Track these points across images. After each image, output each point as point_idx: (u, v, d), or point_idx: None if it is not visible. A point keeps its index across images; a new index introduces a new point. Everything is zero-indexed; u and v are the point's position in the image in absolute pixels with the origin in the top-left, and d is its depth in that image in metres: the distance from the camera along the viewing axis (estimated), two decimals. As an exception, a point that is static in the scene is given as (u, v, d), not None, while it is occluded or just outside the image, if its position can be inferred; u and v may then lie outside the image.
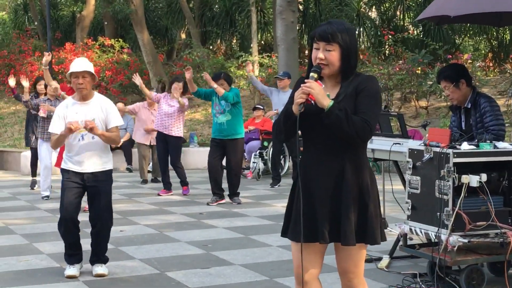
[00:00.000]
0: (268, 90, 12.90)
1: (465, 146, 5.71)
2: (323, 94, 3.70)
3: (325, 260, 4.05)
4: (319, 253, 3.94)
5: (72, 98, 6.50)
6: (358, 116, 3.70)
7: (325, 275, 5.71)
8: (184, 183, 11.84)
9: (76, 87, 6.37)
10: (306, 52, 21.40)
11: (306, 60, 5.36)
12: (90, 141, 6.35)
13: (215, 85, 10.46)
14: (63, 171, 6.44)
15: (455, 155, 5.59)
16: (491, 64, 21.54)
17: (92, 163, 6.37)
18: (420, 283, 5.90)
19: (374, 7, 23.70)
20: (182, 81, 11.65)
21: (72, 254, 6.51)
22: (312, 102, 3.72)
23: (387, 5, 23.00)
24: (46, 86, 11.49)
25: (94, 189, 6.39)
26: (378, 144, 6.85)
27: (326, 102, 3.68)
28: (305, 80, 3.76)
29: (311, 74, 3.78)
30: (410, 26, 22.33)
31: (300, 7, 22.68)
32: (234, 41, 27.16)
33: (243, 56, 20.52)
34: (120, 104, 13.71)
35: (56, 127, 6.38)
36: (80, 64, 6.36)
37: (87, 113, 6.35)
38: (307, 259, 3.90)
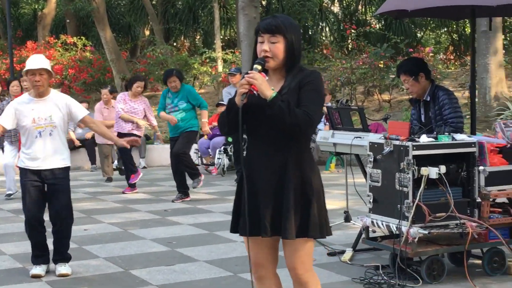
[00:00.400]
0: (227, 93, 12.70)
1: (424, 139, 5.78)
2: (266, 85, 3.70)
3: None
4: (273, 248, 3.95)
5: (29, 94, 6.46)
6: (301, 108, 3.70)
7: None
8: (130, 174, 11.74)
9: (32, 85, 6.33)
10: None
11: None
12: (48, 137, 6.32)
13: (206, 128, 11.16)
14: (21, 170, 6.40)
15: (414, 148, 5.66)
16: (452, 57, 21.76)
17: (50, 159, 6.34)
18: (382, 275, 5.95)
19: (336, 1, 23.81)
20: (143, 80, 11.65)
21: (39, 255, 6.48)
22: (255, 93, 3.72)
23: (349, -1, 23.17)
24: (22, 88, 11.30)
25: (53, 186, 6.36)
26: (339, 138, 6.90)
27: (269, 93, 3.68)
28: (248, 72, 3.76)
29: (255, 66, 3.77)
30: (373, 20, 22.48)
31: (263, 2, 22.71)
32: (198, 37, 27.13)
33: (207, 52, 20.51)
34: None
35: (4, 120, 6.34)
36: (37, 61, 6.32)
37: (44, 110, 6.31)
38: (260, 254, 3.93)
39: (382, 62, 17.21)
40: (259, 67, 3.77)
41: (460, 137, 5.92)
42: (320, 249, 7.03)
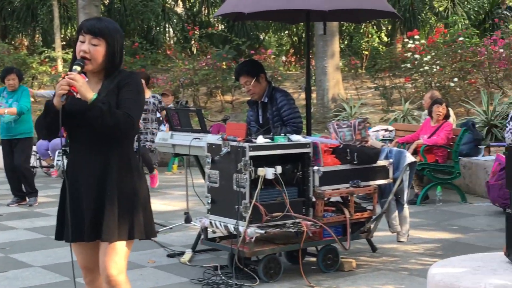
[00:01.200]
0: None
1: (261, 140, 5.87)
2: (86, 86, 3.61)
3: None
4: (96, 251, 3.85)
5: None
6: (121, 110, 3.65)
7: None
8: None
9: None
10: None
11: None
12: None
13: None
14: None
15: (251, 149, 5.74)
16: (293, 59, 22.29)
17: None
18: (221, 275, 6.00)
19: (180, 2, 23.81)
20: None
21: None
22: (75, 94, 3.62)
23: (192, 0, 23.18)
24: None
25: None
26: (178, 139, 6.88)
27: (90, 95, 3.59)
28: (68, 73, 3.65)
29: (74, 67, 3.66)
30: (216, 22, 22.65)
31: (105, 1, 22.36)
32: (37, 36, 26.33)
33: (46, 51, 19.94)
34: None
35: None
36: None
37: None
38: (88, 259, 3.88)
39: (224, 63, 17.39)
40: (79, 68, 3.66)
41: (295, 138, 6.06)
42: (159, 251, 7.00)
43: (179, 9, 24.65)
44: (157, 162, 13.71)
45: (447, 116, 10.05)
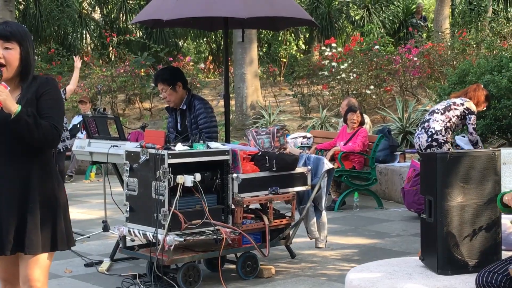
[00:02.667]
0: None
1: (180, 147, 5.85)
2: (10, 98, 3.49)
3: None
4: (18, 264, 3.76)
5: None
6: (45, 120, 3.58)
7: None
8: None
9: None
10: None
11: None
12: None
13: None
14: None
15: (170, 156, 5.72)
16: (211, 67, 22.29)
17: None
18: (140, 284, 5.95)
19: (97, 8, 23.54)
20: None
21: None
22: None
23: (110, 6, 22.94)
24: None
25: None
26: (96, 147, 6.81)
27: (14, 107, 3.49)
28: None
29: None
30: (134, 28, 22.47)
31: (20, 7, 21.91)
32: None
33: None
34: None
35: None
36: None
37: None
38: (7, 271, 3.80)
39: (143, 70, 17.26)
40: None
41: (214, 145, 6.07)
42: (77, 260, 6.90)
43: (96, 15, 24.35)
44: (74, 170, 13.51)
45: (362, 123, 10.23)
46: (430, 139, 7.91)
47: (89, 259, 6.90)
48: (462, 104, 7.97)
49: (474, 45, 14.44)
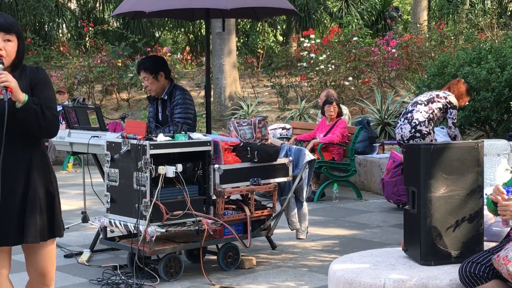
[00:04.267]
0: None
1: (161, 138, 5.82)
2: (18, 87, 3.51)
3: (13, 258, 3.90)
4: (8, 254, 3.75)
5: None
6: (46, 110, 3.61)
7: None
8: None
9: None
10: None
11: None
12: None
13: None
14: None
15: (152, 147, 5.68)
16: (189, 57, 22.22)
17: None
18: (120, 275, 5.92)
19: (73, -2, 23.39)
20: None
21: None
22: (8, 95, 3.48)
23: (86, -4, 22.81)
24: None
25: None
26: (76, 138, 6.76)
27: (22, 96, 3.51)
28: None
29: None
30: (111, 18, 22.35)
31: (-5, -4, 21.70)
32: None
33: None
34: None
35: None
36: None
37: None
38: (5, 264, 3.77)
39: (120, 60, 17.17)
40: (2, 67, 3.56)
41: (196, 136, 6.04)
42: (56, 251, 6.81)
43: (73, 5, 24.17)
44: (51, 160, 13.41)
45: (340, 114, 10.24)
46: (413, 130, 7.91)
47: (69, 250, 6.86)
48: (445, 98, 7.99)
49: (452, 37, 14.51)
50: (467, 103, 8.46)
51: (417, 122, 7.90)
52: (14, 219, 3.64)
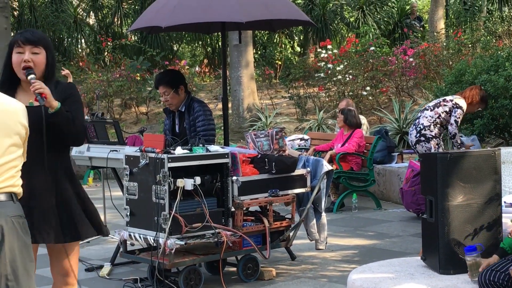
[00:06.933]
0: None
1: (179, 151, 5.86)
2: (51, 94, 3.77)
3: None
4: (35, 252, 3.96)
5: None
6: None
7: None
8: None
9: None
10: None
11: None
12: None
13: None
14: None
15: (170, 160, 5.72)
16: (207, 70, 22.30)
17: None
18: (141, 288, 5.96)
19: (92, 13, 23.53)
20: None
21: None
22: (44, 101, 3.72)
23: (104, 11, 22.93)
24: None
25: None
26: (95, 152, 6.82)
27: (55, 102, 3.79)
28: (32, 80, 3.78)
29: (31, 75, 3.81)
30: (129, 33, 22.50)
31: (15, 13, 21.90)
32: None
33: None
34: None
35: None
36: None
37: None
38: None
39: (138, 74, 17.26)
40: (34, 76, 3.80)
41: (214, 149, 6.07)
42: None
43: (91, 20, 24.33)
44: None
45: (358, 125, 10.22)
46: (418, 134, 8.18)
47: (90, 263, 6.90)
48: (451, 100, 8.18)
49: (470, 45, 14.47)
50: (480, 109, 8.51)
51: (421, 127, 8.15)
52: (52, 219, 3.87)
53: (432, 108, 8.22)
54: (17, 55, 3.87)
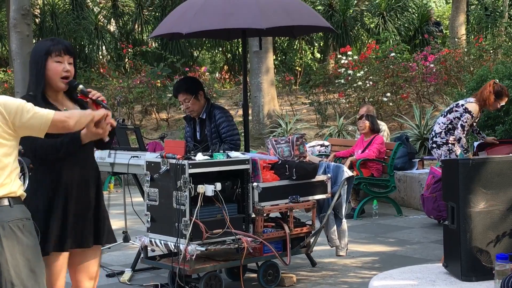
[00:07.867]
0: None
1: (200, 157, 5.87)
2: None
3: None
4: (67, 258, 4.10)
5: None
6: None
7: None
8: None
9: None
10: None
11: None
12: None
13: None
14: None
15: (191, 166, 5.73)
16: (227, 76, 22.33)
17: None
18: (162, 294, 5.97)
19: (112, 20, 23.65)
20: None
21: None
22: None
23: (125, 18, 23.04)
24: None
25: None
26: (116, 158, 6.83)
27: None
28: (88, 89, 4.02)
29: (81, 87, 4.01)
30: (149, 40, 22.58)
31: (36, 20, 22.06)
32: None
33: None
34: None
35: None
36: None
37: None
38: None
39: (159, 81, 17.32)
40: (82, 86, 4.04)
41: (234, 155, 6.08)
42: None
43: (112, 27, 24.46)
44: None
45: (377, 130, 10.18)
46: (431, 141, 8.45)
47: (111, 269, 6.93)
48: (462, 105, 8.25)
49: (491, 51, 14.39)
50: (503, 104, 8.42)
51: (433, 134, 8.41)
52: (90, 224, 4.06)
53: (445, 114, 8.42)
54: (56, 64, 4.01)
